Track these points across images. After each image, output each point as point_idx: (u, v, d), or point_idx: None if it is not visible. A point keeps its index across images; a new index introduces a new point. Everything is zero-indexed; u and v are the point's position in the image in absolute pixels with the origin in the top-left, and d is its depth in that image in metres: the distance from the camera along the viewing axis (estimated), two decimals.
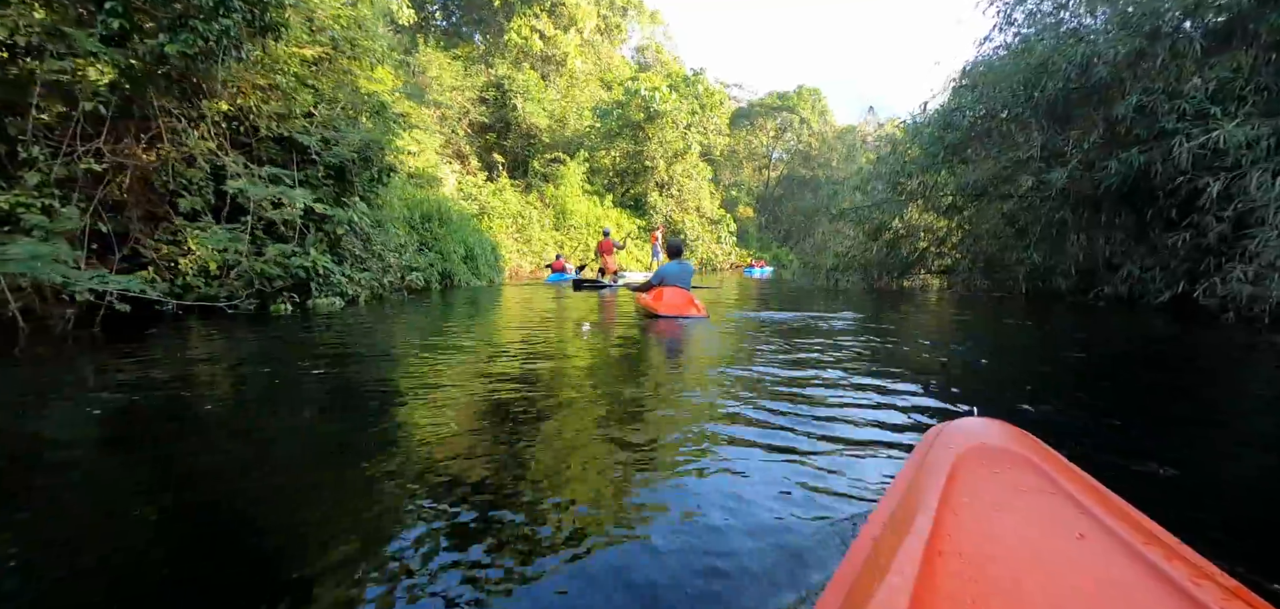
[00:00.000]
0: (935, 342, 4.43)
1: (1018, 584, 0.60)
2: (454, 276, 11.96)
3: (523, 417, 2.18)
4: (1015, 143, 7.53)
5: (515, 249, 18.67)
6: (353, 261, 8.06)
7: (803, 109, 42.87)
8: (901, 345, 4.11)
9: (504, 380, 2.84)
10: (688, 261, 6.59)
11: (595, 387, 2.79)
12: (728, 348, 3.98)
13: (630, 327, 5.19)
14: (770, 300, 8.46)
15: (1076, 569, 0.62)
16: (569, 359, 3.62)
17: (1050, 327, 5.45)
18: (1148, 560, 0.61)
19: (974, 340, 4.60)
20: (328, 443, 2.01)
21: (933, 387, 2.70)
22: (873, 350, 3.81)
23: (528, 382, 2.82)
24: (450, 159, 22.78)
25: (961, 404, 2.39)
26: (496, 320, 6.59)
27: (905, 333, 4.80)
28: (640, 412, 2.27)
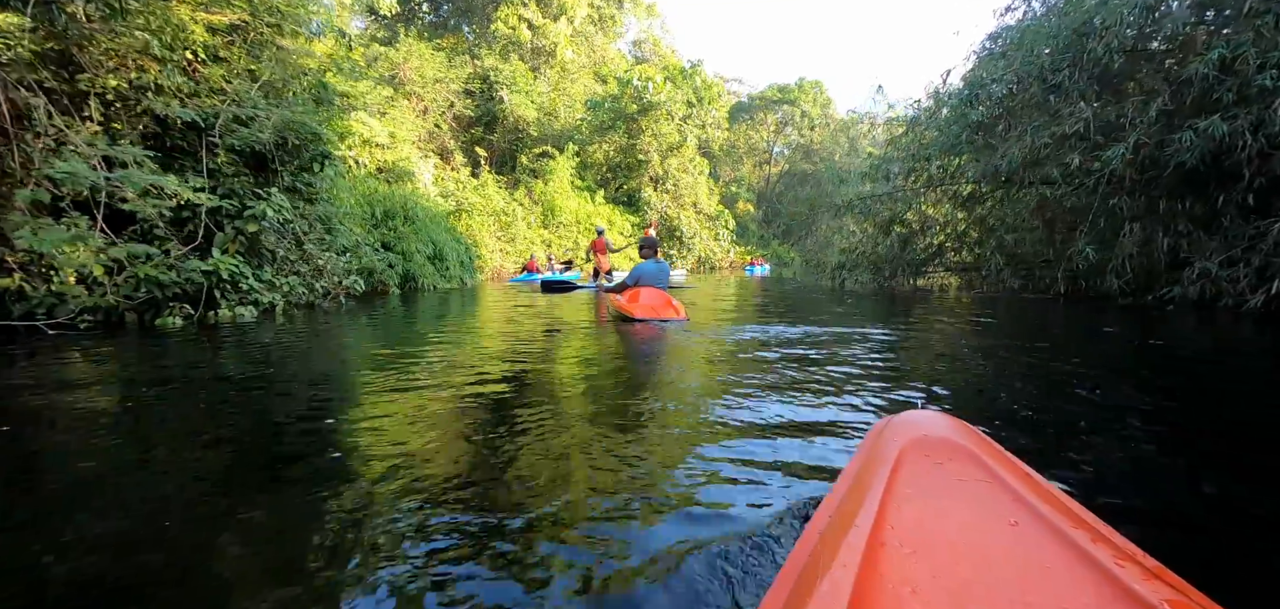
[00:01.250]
0: (1037, 386, 2.77)
1: (954, 572, 0.62)
2: (418, 279, 10.77)
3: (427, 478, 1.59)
4: (1058, 116, 6.33)
5: (497, 249, 17.49)
6: (277, 264, 6.87)
7: (804, 101, 41.59)
8: (987, 390, 2.90)
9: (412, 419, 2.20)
10: (663, 260, 6.14)
11: (542, 422, 2.12)
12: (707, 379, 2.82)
13: (597, 334, 4.65)
14: (769, 308, 7.28)
15: (1009, 555, 0.64)
16: (510, 379, 2.98)
17: (1160, 347, 4.21)
18: (1075, 545, 0.64)
19: (1101, 383, 2.81)
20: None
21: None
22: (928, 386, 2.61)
23: (440, 417, 2.22)
24: (430, 153, 21.62)
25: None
26: (445, 329, 5.56)
27: (969, 366, 3.56)
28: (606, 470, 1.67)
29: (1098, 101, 6.04)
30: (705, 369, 3.14)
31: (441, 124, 23.08)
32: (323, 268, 7.46)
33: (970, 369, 3.20)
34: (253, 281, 6.21)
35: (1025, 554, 0.64)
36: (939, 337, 4.45)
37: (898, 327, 5.08)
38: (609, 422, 2.11)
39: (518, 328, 5.37)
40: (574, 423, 2.09)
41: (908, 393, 2.56)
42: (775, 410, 2.18)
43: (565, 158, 21.58)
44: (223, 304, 5.90)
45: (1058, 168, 6.20)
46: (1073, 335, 4.62)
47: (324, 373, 3.36)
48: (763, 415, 2.11)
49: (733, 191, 38.28)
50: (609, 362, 3.55)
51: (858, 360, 3.32)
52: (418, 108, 22.71)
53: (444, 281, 11.72)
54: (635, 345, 4.03)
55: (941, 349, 3.82)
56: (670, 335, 4.39)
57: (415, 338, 4.93)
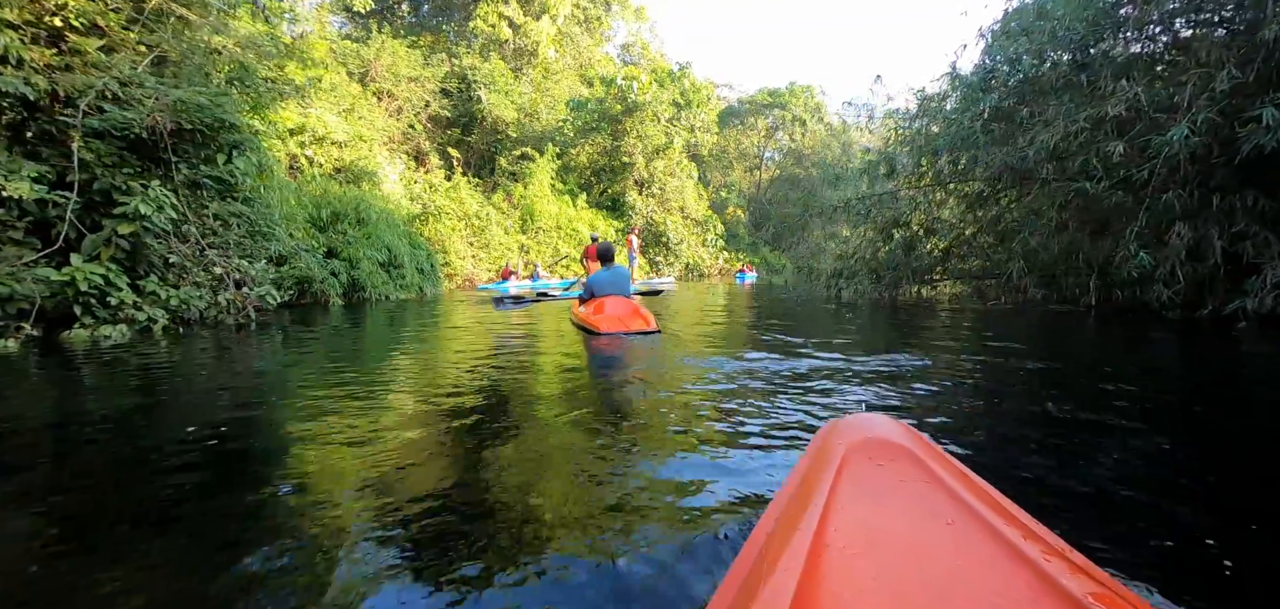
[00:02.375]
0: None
1: (892, 571, 0.64)
2: (366, 287, 9.65)
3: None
4: (1095, 96, 5.37)
5: (470, 255, 16.37)
6: (168, 273, 5.76)
7: (795, 106, 40.79)
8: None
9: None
10: (622, 267, 5.55)
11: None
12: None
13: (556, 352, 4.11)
14: (759, 325, 6.25)
15: (945, 554, 0.67)
16: (440, 412, 2.48)
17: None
18: (1006, 541, 0.66)
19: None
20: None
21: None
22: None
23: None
24: (401, 154, 20.50)
25: None
26: (371, 349, 4.84)
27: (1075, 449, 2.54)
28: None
29: (1144, 80, 5.05)
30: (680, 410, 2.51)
31: (416, 124, 21.98)
32: (236, 278, 6.34)
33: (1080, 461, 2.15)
34: (125, 294, 5.09)
35: (960, 552, 0.66)
36: (984, 375, 3.41)
37: (921, 349, 4.05)
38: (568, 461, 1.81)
39: (464, 343, 4.80)
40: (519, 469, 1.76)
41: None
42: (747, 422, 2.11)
43: (546, 160, 20.51)
44: (79, 322, 4.77)
45: (1097, 157, 5.21)
46: (1167, 374, 3.59)
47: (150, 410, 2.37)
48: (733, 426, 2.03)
49: (723, 197, 37.35)
50: (564, 386, 3.11)
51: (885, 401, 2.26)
52: (391, 107, 21.63)
53: (399, 291, 10.59)
54: (598, 366, 3.59)
55: (1010, 407, 2.78)
56: (640, 351, 3.93)
57: (323, 360, 4.23)
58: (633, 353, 3.93)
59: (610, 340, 4.42)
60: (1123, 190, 5.07)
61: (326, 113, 14.52)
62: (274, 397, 3.01)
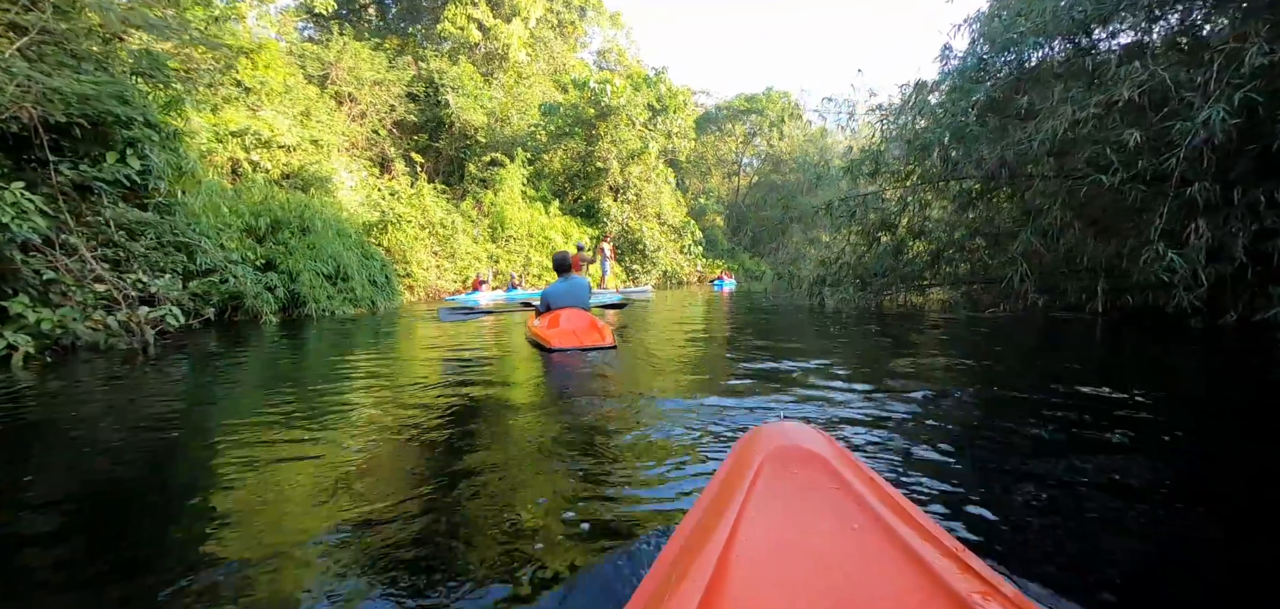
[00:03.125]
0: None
1: (795, 578, 0.66)
2: (307, 302, 8.78)
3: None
4: (1106, 79, 4.83)
5: (433, 265, 15.49)
6: (41, 292, 4.89)
7: (772, 111, 40.54)
8: None
9: None
10: (580, 277, 5.33)
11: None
12: None
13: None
14: (737, 346, 5.58)
15: (846, 558, 0.68)
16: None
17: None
18: (904, 544, 0.68)
19: None
20: None
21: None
22: None
23: None
24: (362, 160, 19.56)
25: None
26: (292, 377, 4.13)
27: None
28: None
29: (1164, 60, 4.50)
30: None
31: (380, 130, 21.05)
32: (136, 294, 5.47)
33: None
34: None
35: (861, 556, 0.69)
36: (1000, 403, 2.77)
37: (918, 370, 3.39)
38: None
39: (401, 364, 4.39)
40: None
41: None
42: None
43: (516, 166, 19.71)
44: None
45: (1111, 147, 4.64)
46: (1212, 396, 2.99)
47: None
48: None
49: (702, 203, 36.85)
50: (506, 407, 2.84)
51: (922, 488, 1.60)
52: (353, 112, 20.68)
53: (347, 305, 9.71)
54: (546, 385, 3.33)
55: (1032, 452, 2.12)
56: (594, 369, 3.65)
57: (218, 389, 3.69)
58: (585, 371, 3.66)
59: (564, 357, 4.13)
60: (1143, 183, 4.51)
61: (279, 115, 13.60)
62: (127, 440, 2.27)
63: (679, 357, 4.42)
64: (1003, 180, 5.82)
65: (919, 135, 6.47)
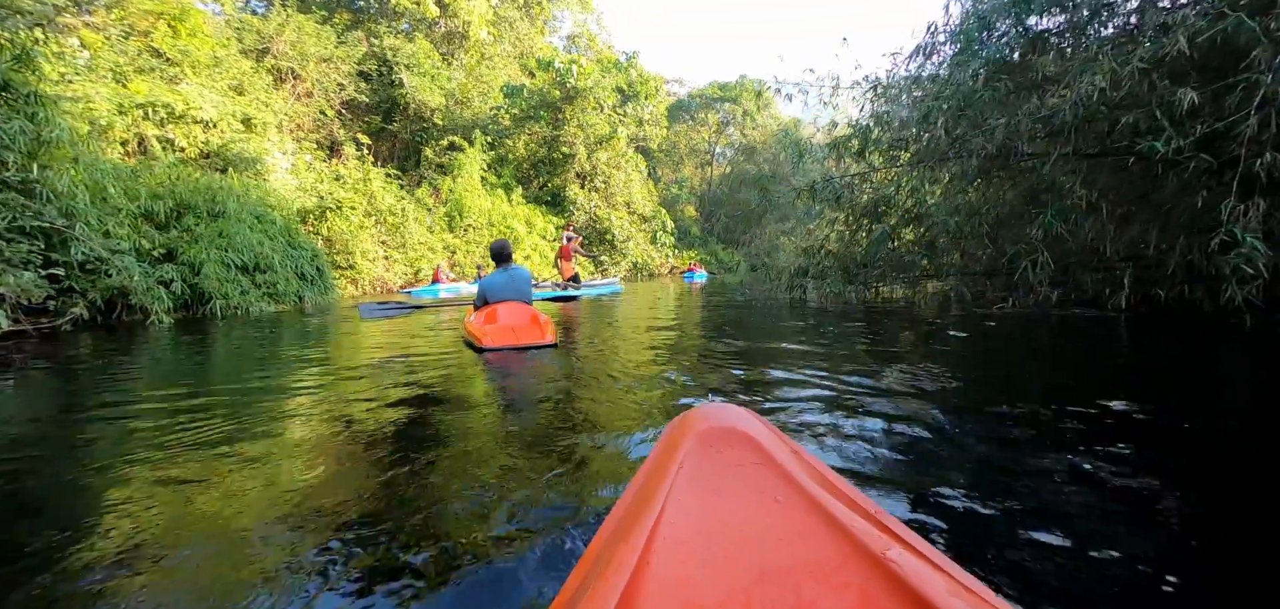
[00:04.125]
0: None
1: (719, 554, 0.67)
2: (210, 297, 7.56)
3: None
4: (1147, 34, 4.02)
5: (381, 257, 14.21)
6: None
7: (746, 100, 39.84)
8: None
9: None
10: (521, 267, 4.70)
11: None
12: None
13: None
14: (703, 346, 4.64)
15: (769, 530, 0.69)
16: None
17: None
18: (826, 511, 0.69)
19: None
20: None
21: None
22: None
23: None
24: (312, 143, 18.09)
25: None
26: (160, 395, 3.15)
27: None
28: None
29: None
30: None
31: (328, 111, 19.52)
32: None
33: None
34: None
35: (784, 527, 0.70)
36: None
37: (943, 387, 2.48)
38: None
39: (313, 369, 3.71)
40: None
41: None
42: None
43: (475, 150, 18.46)
44: None
45: (1160, 110, 3.81)
46: None
47: None
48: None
49: (674, 193, 35.99)
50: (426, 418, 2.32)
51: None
52: (298, 90, 19.12)
53: (266, 301, 8.49)
54: (477, 391, 2.89)
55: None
56: (534, 368, 3.31)
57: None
58: (520, 371, 3.28)
59: (499, 357, 3.67)
60: (1202, 153, 3.70)
61: (204, 89, 12.14)
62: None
63: (629, 357, 3.85)
64: (1020, 153, 4.98)
65: (918, 106, 5.59)
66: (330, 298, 10.23)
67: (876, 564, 0.60)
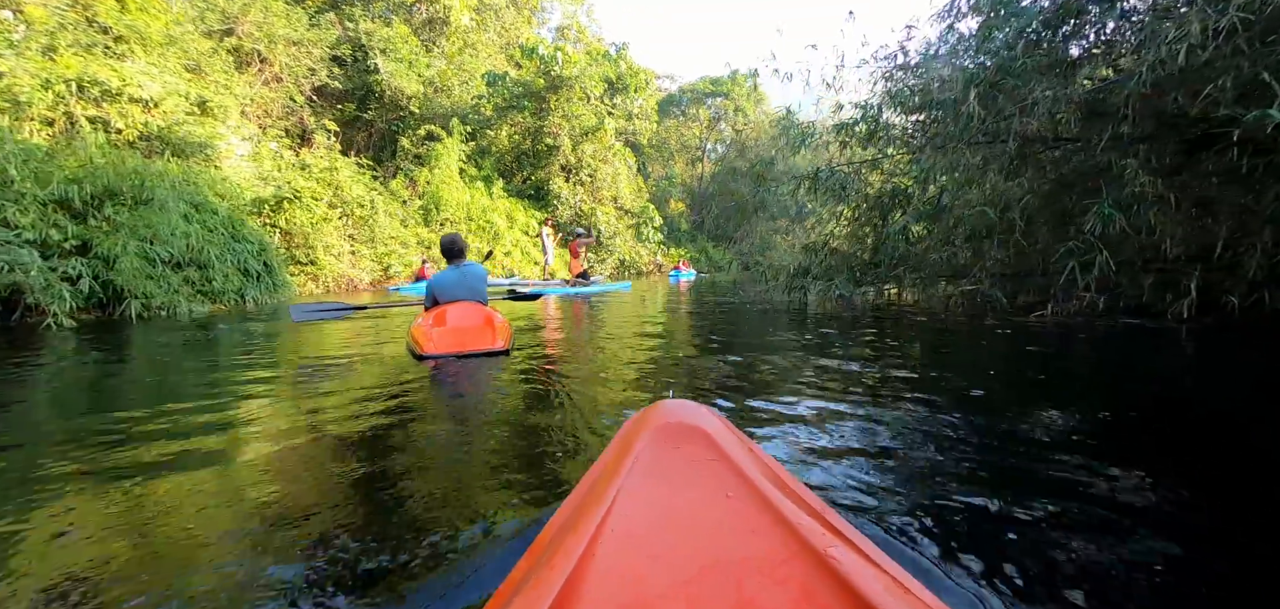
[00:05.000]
0: None
1: (668, 548, 0.66)
2: (125, 294, 6.61)
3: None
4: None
5: (347, 252, 13.24)
6: None
7: (738, 95, 39.07)
8: None
9: None
10: (473, 263, 4.19)
11: None
12: None
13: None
14: (679, 364, 3.80)
15: (719, 525, 0.69)
16: None
17: None
18: (773, 507, 0.70)
19: None
20: None
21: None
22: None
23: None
24: (279, 132, 17.05)
25: None
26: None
27: None
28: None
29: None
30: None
31: (297, 96, 18.44)
32: None
33: None
34: None
35: (732, 522, 0.70)
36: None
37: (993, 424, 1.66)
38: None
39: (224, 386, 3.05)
40: None
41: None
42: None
43: (453, 140, 17.50)
44: None
45: (1270, 71, 3.02)
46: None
47: None
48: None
49: (664, 189, 35.15)
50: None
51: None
52: (266, 75, 18.04)
53: (197, 301, 7.54)
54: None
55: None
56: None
57: None
58: (465, 380, 2.90)
59: (442, 366, 3.27)
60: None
61: (152, 67, 11.10)
62: None
63: (596, 364, 3.47)
64: (1060, 137, 4.18)
65: (946, 83, 4.73)
66: (282, 297, 9.27)
67: (818, 561, 0.61)
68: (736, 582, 0.61)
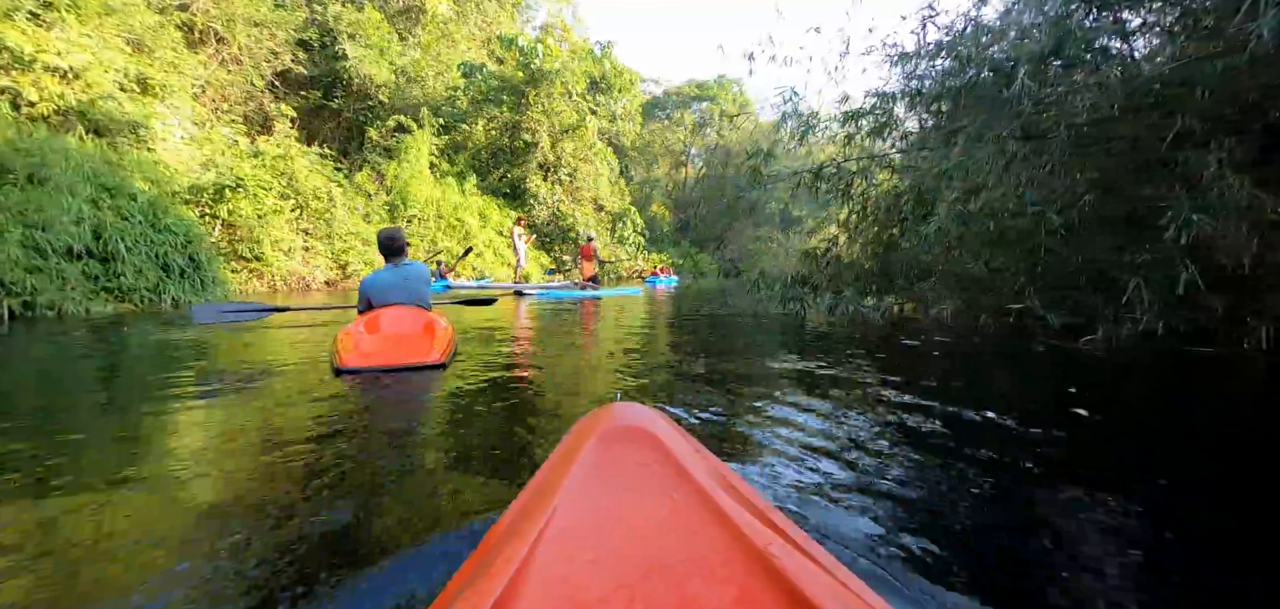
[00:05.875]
0: None
1: (609, 550, 0.65)
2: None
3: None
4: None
5: (300, 248, 12.15)
6: None
7: (723, 99, 38.52)
8: None
9: None
10: (416, 263, 3.77)
11: None
12: None
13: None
14: (644, 389, 2.92)
15: (663, 527, 0.68)
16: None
17: None
18: (717, 508, 0.69)
19: None
20: None
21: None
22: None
23: None
24: (235, 117, 15.88)
25: None
26: None
27: None
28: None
29: None
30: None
31: (257, 80, 17.25)
32: None
33: None
34: None
35: (676, 524, 0.69)
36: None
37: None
38: None
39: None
40: None
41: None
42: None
43: (424, 132, 16.48)
44: None
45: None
46: None
47: None
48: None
49: (646, 193, 34.42)
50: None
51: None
52: (224, 56, 16.84)
53: (101, 300, 6.49)
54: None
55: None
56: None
57: None
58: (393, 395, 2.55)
59: (359, 381, 2.79)
60: None
61: (84, 37, 9.94)
62: None
63: (547, 375, 3.20)
64: (1131, 121, 3.41)
65: (984, 59, 3.91)
66: (214, 295, 8.21)
67: (759, 559, 0.61)
68: (678, 583, 0.61)
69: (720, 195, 31.20)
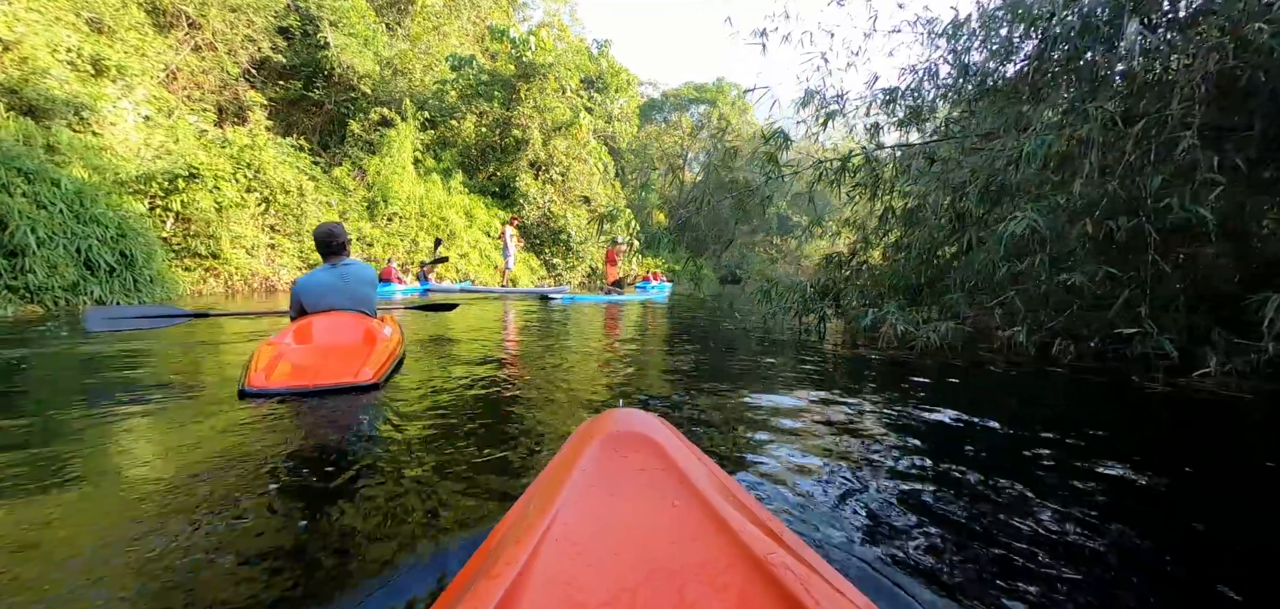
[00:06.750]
0: None
1: (611, 554, 0.65)
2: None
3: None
4: None
5: (266, 246, 11.21)
6: None
7: (722, 103, 37.80)
8: None
9: None
10: (357, 263, 3.29)
11: None
12: None
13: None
14: None
15: (662, 532, 0.69)
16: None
17: None
18: (716, 514, 0.69)
19: None
20: None
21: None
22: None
23: None
24: (206, 107, 14.97)
25: None
26: None
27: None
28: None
29: None
30: None
31: (231, 68, 16.31)
32: None
33: None
34: None
35: (677, 529, 0.69)
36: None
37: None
38: None
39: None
40: None
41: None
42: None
43: (408, 126, 15.58)
44: None
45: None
46: None
47: None
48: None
49: (642, 197, 33.54)
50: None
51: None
52: (197, 41, 15.91)
53: (6, 299, 5.57)
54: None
55: None
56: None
57: None
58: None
59: (270, 405, 2.35)
60: None
61: (39, 15, 9.03)
62: None
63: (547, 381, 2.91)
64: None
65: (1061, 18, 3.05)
66: (151, 296, 7.28)
67: (758, 567, 0.60)
68: (677, 588, 0.61)
69: (723, 195, 30.42)
